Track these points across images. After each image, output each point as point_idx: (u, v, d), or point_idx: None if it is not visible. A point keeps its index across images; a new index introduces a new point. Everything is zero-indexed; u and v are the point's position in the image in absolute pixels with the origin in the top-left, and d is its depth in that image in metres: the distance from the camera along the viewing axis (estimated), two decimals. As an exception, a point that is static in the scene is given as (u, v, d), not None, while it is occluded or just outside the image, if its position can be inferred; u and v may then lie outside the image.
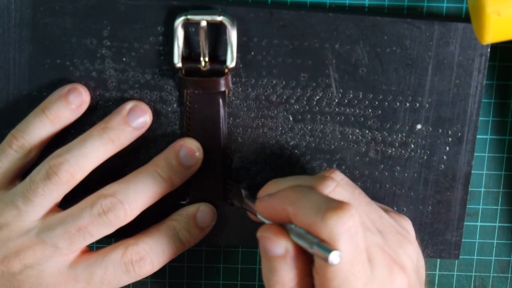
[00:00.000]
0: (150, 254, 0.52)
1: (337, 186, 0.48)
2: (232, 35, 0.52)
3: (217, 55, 0.53)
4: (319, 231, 0.44)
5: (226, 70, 0.53)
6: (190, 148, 0.53)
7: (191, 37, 0.53)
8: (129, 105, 0.53)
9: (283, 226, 0.47)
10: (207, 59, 0.52)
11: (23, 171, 0.53)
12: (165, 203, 0.53)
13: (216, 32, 0.53)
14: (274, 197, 0.47)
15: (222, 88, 0.53)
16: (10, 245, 0.50)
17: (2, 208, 0.51)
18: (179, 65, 0.52)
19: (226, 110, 0.54)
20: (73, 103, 0.53)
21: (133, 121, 0.53)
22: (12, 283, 0.50)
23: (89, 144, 0.51)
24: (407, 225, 0.52)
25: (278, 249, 0.46)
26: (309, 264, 0.47)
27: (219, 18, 0.51)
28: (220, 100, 0.53)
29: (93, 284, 0.51)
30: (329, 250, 0.43)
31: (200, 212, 0.54)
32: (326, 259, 0.43)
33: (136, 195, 0.51)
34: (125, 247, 0.52)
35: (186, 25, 0.52)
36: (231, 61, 0.52)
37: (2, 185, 0.52)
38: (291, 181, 0.49)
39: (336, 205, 0.44)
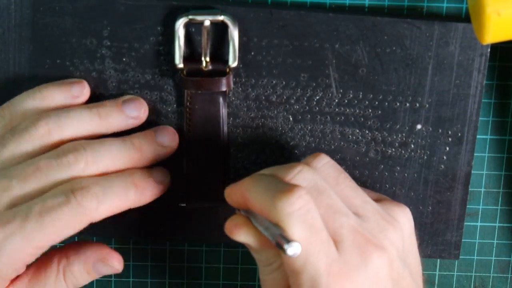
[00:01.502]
0: (95, 186, 0.48)
1: (302, 172, 0.47)
2: (234, 34, 0.52)
3: (218, 55, 0.53)
4: (269, 215, 0.45)
5: (228, 70, 0.53)
6: (169, 128, 0.53)
7: (192, 37, 0.53)
8: (126, 96, 0.53)
9: (249, 215, 0.47)
10: (208, 59, 0.52)
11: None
12: (164, 204, 0.53)
13: (217, 32, 0.53)
14: (236, 184, 0.48)
15: (224, 88, 0.53)
16: None
17: None
18: (181, 65, 0.52)
19: (226, 110, 0.54)
20: (72, 90, 0.52)
21: (126, 108, 0.52)
22: None
23: (76, 110, 0.51)
24: (400, 214, 0.50)
25: (238, 238, 0.47)
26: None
27: (221, 18, 0.51)
28: (221, 100, 0.53)
29: (30, 218, 0.47)
30: (288, 241, 0.43)
31: (158, 171, 0.53)
32: (284, 251, 0.43)
33: (101, 148, 0.50)
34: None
35: (187, 25, 0.52)
36: (233, 61, 0.52)
37: None
38: (264, 170, 0.50)
39: (284, 188, 0.45)
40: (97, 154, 0.49)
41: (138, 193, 0.50)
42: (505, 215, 0.59)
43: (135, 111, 0.53)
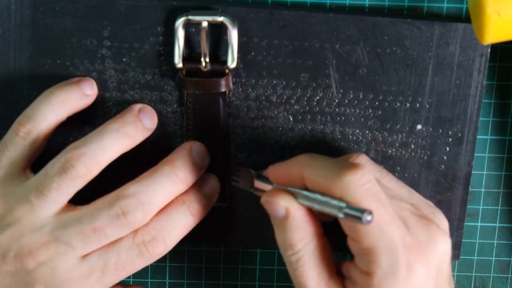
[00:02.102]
0: (161, 232, 0.50)
1: (359, 157, 0.50)
2: (233, 35, 0.52)
3: (218, 56, 0.53)
4: (334, 190, 0.46)
5: (227, 71, 0.53)
6: (201, 147, 0.53)
7: (192, 37, 0.53)
8: (138, 105, 0.53)
9: (291, 191, 0.48)
10: (207, 59, 0.52)
11: (33, 159, 0.52)
12: None
13: (217, 33, 0.53)
14: (288, 162, 0.49)
15: (223, 89, 0.53)
16: (23, 241, 0.49)
17: (14, 202, 0.50)
18: (180, 65, 0.52)
19: (226, 111, 0.54)
20: (83, 89, 0.52)
21: (144, 120, 0.52)
22: (25, 280, 0.49)
23: (107, 137, 0.50)
24: (436, 208, 0.52)
25: (279, 210, 0.48)
26: (320, 226, 0.49)
27: (220, 19, 0.51)
28: (221, 101, 0.53)
29: (108, 272, 0.50)
30: (361, 210, 0.44)
31: (207, 182, 0.53)
32: (360, 219, 0.44)
33: (155, 196, 0.50)
34: (135, 231, 0.50)
35: (187, 26, 0.52)
36: (232, 62, 0.52)
37: (13, 176, 0.51)
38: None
39: (350, 165, 0.46)
40: (152, 204, 0.50)
41: (196, 220, 0.52)
42: (505, 215, 0.59)
43: (151, 121, 0.53)
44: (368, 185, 0.46)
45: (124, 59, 0.53)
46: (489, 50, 0.53)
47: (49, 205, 0.50)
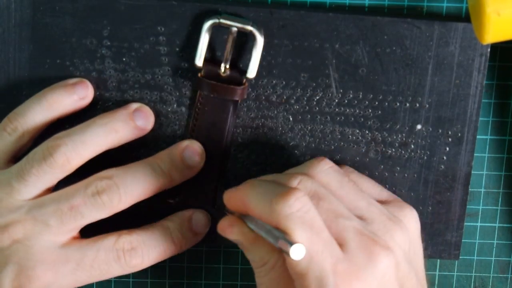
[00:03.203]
0: (142, 246, 0.51)
1: (301, 181, 0.48)
2: (259, 46, 0.52)
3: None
4: (269, 218, 0.45)
5: (244, 81, 0.53)
6: (195, 148, 0.53)
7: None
8: (135, 105, 0.53)
9: (244, 218, 0.48)
10: (228, 65, 0.52)
11: (17, 155, 0.53)
12: (152, 200, 0.53)
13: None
14: (235, 189, 0.49)
15: (237, 98, 0.53)
16: (0, 220, 0.50)
17: None
18: (200, 65, 0.52)
19: (234, 119, 0.54)
20: (77, 93, 0.52)
21: (138, 119, 0.52)
22: None
23: (91, 130, 0.51)
24: (406, 216, 0.51)
25: (231, 236, 0.49)
26: None
27: (250, 28, 0.51)
28: (231, 108, 0.53)
29: (83, 266, 0.50)
30: (291, 243, 0.43)
31: (195, 216, 0.54)
32: (288, 254, 0.43)
33: (133, 181, 0.50)
34: (118, 235, 0.51)
35: (213, 28, 0.52)
36: (252, 72, 0.52)
37: None
38: (263, 177, 0.50)
39: (282, 191, 0.45)
40: (129, 188, 0.50)
41: (177, 249, 0.53)
42: (505, 215, 0.59)
43: (145, 121, 0.53)
44: (300, 212, 0.45)
45: (124, 59, 0.53)
46: (488, 49, 0.53)
47: (29, 189, 0.50)
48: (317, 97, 0.54)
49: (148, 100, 0.54)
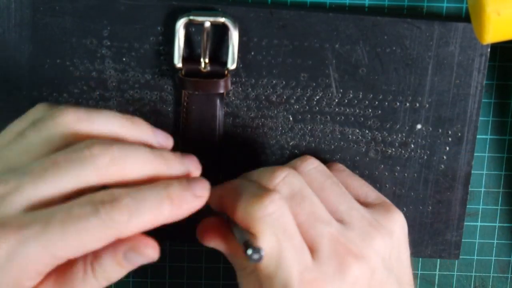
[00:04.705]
0: (126, 197, 0.41)
1: (287, 177, 0.47)
2: (234, 37, 0.52)
3: (217, 56, 0.53)
4: (242, 220, 0.44)
5: (226, 72, 0.53)
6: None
7: (191, 37, 0.53)
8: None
9: (228, 220, 0.47)
10: (207, 60, 0.52)
11: None
12: None
13: (217, 33, 0.53)
14: (218, 188, 0.47)
15: (221, 90, 0.53)
16: None
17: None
18: (179, 65, 0.52)
19: (223, 111, 0.54)
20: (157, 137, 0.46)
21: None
22: None
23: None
24: (390, 221, 0.49)
25: (208, 244, 0.48)
26: None
27: (222, 20, 0.51)
28: (218, 102, 0.53)
29: (52, 224, 0.40)
30: (252, 246, 0.42)
31: (193, 178, 0.45)
32: (248, 257, 0.41)
33: (129, 148, 0.43)
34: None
35: (187, 26, 0.52)
36: (232, 63, 0.52)
37: None
38: (250, 173, 0.49)
39: (258, 193, 0.44)
40: (124, 152, 0.42)
41: (174, 208, 0.42)
42: (505, 215, 0.59)
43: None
44: (273, 215, 0.44)
45: (124, 59, 0.53)
46: (488, 49, 0.53)
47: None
48: (317, 97, 0.54)
49: (148, 100, 0.54)
